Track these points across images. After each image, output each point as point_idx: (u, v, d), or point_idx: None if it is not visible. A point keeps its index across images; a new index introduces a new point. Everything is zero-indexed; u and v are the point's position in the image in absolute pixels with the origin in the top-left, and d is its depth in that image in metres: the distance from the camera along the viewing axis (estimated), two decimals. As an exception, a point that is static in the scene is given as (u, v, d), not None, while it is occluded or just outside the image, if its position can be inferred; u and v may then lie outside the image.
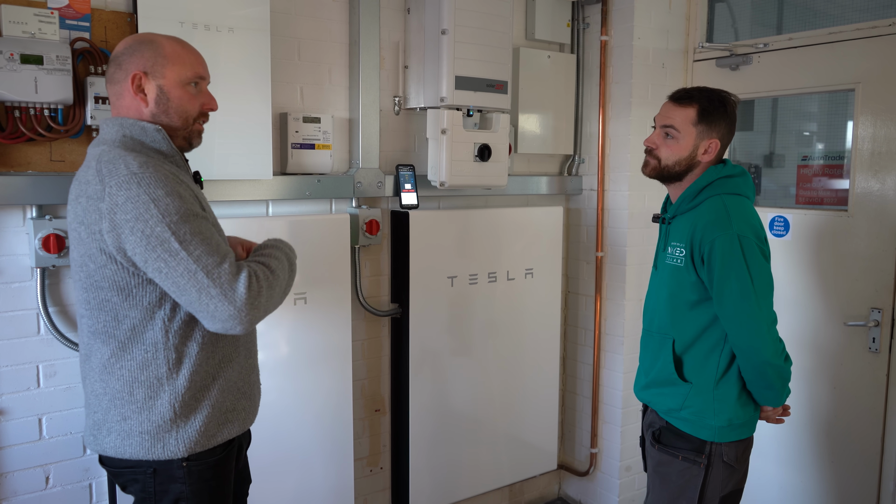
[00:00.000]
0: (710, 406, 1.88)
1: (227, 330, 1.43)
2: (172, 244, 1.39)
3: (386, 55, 2.62)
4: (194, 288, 1.40)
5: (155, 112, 1.55)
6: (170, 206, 1.41)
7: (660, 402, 1.97)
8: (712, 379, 1.89)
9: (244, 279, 1.42)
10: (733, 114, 1.91)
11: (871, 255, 2.56)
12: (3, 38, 1.84)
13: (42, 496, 2.09)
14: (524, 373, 3.05)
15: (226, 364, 1.60)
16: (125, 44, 1.57)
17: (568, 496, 3.43)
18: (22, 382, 2.05)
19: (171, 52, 1.56)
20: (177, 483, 1.54)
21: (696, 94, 1.89)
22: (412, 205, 2.58)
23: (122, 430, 1.52)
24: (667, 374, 1.94)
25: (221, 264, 1.42)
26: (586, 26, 3.15)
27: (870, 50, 2.55)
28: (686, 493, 1.90)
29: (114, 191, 1.40)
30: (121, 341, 1.50)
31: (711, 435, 1.88)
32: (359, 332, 2.66)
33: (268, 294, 1.47)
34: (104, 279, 1.47)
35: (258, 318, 1.46)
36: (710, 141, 1.88)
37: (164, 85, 1.54)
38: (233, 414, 1.62)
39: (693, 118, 1.87)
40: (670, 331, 1.95)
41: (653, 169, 1.96)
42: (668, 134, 1.91)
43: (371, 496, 2.80)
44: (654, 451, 1.99)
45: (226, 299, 1.40)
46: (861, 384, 2.61)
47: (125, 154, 1.46)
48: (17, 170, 1.96)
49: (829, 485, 2.73)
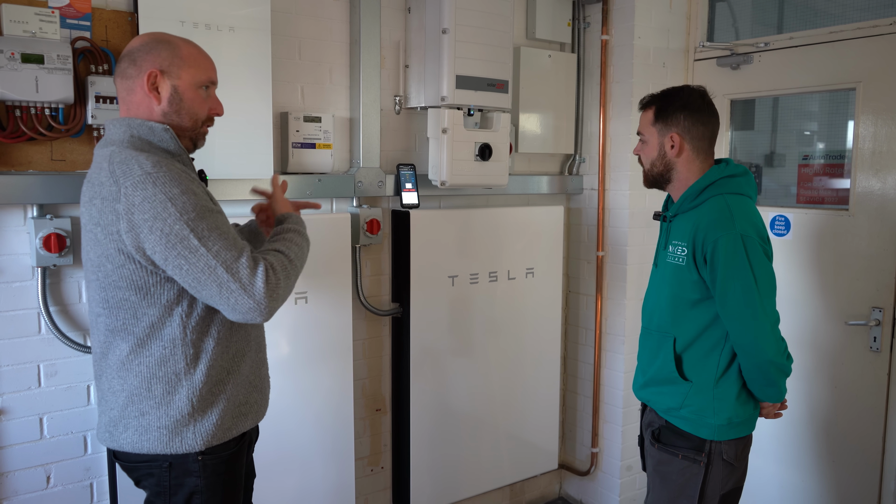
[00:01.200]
0: (710, 405, 1.88)
1: (249, 320, 1.47)
2: (192, 241, 1.42)
3: (387, 54, 2.62)
4: (215, 283, 1.43)
5: (167, 111, 1.57)
6: (186, 204, 1.43)
7: (659, 400, 1.97)
8: (712, 377, 1.89)
9: (262, 273, 1.46)
10: (694, 104, 1.92)
11: (871, 254, 2.56)
12: (3, 38, 1.84)
13: (43, 495, 2.10)
14: (525, 372, 3.05)
15: (239, 358, 1.64)
16: (141, 41, 1.58)
17: (569, 496, 3.43)
18: (23, 382, 2.05)
19: (187, 54, 1.58)
20: (192, 477, 1.57)
21: (655, 97, 1.99)
22: (413, 204, 2.58)
23: (140, 426, 1.54)
24: (667, 372, 1.94)
25: (240, 258, 1.45)
26: (587, 25, 3.15)
27: (870, 49, 2.55)
28: (686, 491, 1.90)
29: (129, 191, 1.42)
30: (139, 338, 1.53)
31: (711, 433, 1.88)
32: (359, 332, 2.66)
33: (285, 283, 1.51)
34: (122, 279, 1.49)
35: (277, 307, 1.50)
36: (670, 136, 1.93)
37: (179, 86, 1.57)
38: (246, 407, 1.65)
39: (651, 119, 1.97)
40: (671, 329, 1.95)
41: (644, 180, 2.06)
42: (642, 140, 2.02)
43: (372, 495, 2.80)
44: (653, 450, 1.99)
45: (245, 293, 1.44)
46: (862, 383, 2.61)
47: (137, 154, 1.47)
48: (17, 169, 1.96)
49: (829, 484, 2.73)
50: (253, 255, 1.49)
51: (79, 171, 2.03)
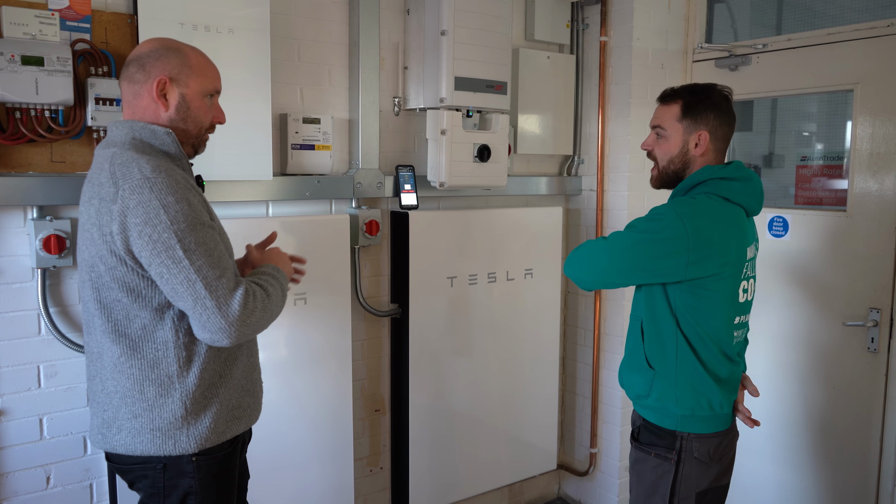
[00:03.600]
0: (672, 393, 1.85)
1: (214, 342, 1.47)
2: (177, 251, 1.43)
3: (385, 56, 2.63)
4: (191, 297, 1.44)
5: (173, 118, 1.59)
6: (178, 214, 1.44)
7: (631, 387, 1.96)
8: (672, 364, 1.85)
9: (240, 296, 1.46)
10: (723, 104, 1.88)
11: (869, 255, 2.56)
12: (3, 40, 1.85)
13: (43, 496, 2.10)
14: (524, 373, 3.06)
15: (231, 362, 1.64)
16: (150, 46, 1.59)
17: (567, 496, 3.44)
18: (23, 383, 2.05)
19: (196, 63, 1.60)
20: (186, 478, 1.58)
21: (680, 91, 1.91)
22: (412, 205, 2.58)
23: (133, 428, 1.54)
24: (637, 357, 1.92)
25: (221, 278, 1.46)
26: (585, 27, 3.15)
27: (868, 50, 2.56)
28: (659, 489, 1.89)
29: (126, 194, 1.44)
30: (132, 340, 1.53)
31: (675, 424, 1.85)
32: (359, 333, 2.67)
33: (260, 314, 1.51)
34: (114, 280, 1.50)
35: (246, 336, 1.49)
36: (698, 133, 1.86)
37: (187, 94, 1.59)
38: (239, 411, 1.66)
39: (677, 114, 1.88)
40: (637, 311, 1.94)
41: (655, 178, 1.96)
42: (658, 134, 1.92)
43: (371, 496, 2.81)
44: (631, 448, 1.99)
45: (219, 312, 1.44)
46: (859, 384, 2.61)
47: (138, 157, 1.48)
48: (17, 171, 1.96)
49: (827, 485, 2.73)
50: (237, 278, 1.50)
51: (78, 172, 2.04)
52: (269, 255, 1.76)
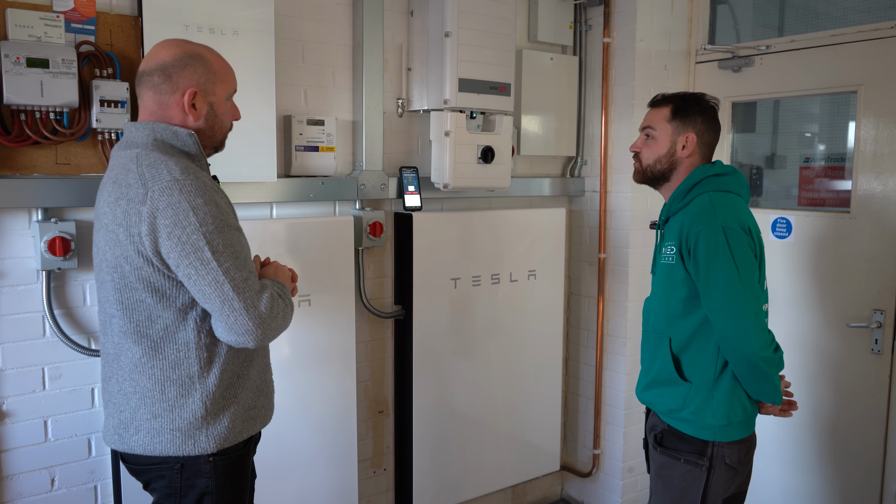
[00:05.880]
0: (708, 405, 1.88)
1: (239, 343, 1.50)
2: (205, 253, 1.45)
3: (389, 58, 2.63)
4: (219, 298, 1.46)
5: (203, 127, 1.61)
6: (207, 216, 1.46)
7: (660, 402, 1.97)
8: (711, 377, 1.88)
9: (267, 298, 1.50)
10: (710, 110, 1.98)
11: (873, 256, 2.56)
12: (9, 42, 1.85)
13: (47, 498, 2.10)
14: (527, 374, 3.06)
15: (248, 363, 1.66)
16: (172, 53, 1.57)
17: (570, 497, 3.44)
18: (28, 385, 2.05)
19: (218, 68, 1.62)
20: (203, 478, 1.58)
21: (670, 96, 2.01)
22: (415, 207, 2.59)
23: (152, 428, 1.55)
24: (667, 373, 1.94)
25: (248, 280, 1.49)
26: (588, 28, 3.15)
27: (872, 52, 2.56)
28: (688, 495, 1.90)
29: (156, 195, 1.45)
30: (154, 341, 1.54)
31: (712, 435, 1.87)
32: (362, 334, 2.67)
33: (283, 317, 1.55)
34: (139, 280, 1.50)
35: (269, 338, 1.53)
36: (685, 135, 1.95)
37: (215, 102, 1.62)
38: (255, 411, 1.67)
39: (667, 116, 1.97)
40: (666, 329, 1.95)
41: (637, 173, 2.05)
42: (648, 135, 2.01)
43: (374, 497, 2.81)
44: (656, 454, 1.99)
45: (247, 314, 1.47)
46: (864, 386, 2.61)
47: (166, 159, 1.49)
48: (22, 173, 1.96)
49: (831, 486, 2.73)
50: (262, 280, 1.54)
51: (83, 174, 2.04)
52: (271, 269, 1.76)
